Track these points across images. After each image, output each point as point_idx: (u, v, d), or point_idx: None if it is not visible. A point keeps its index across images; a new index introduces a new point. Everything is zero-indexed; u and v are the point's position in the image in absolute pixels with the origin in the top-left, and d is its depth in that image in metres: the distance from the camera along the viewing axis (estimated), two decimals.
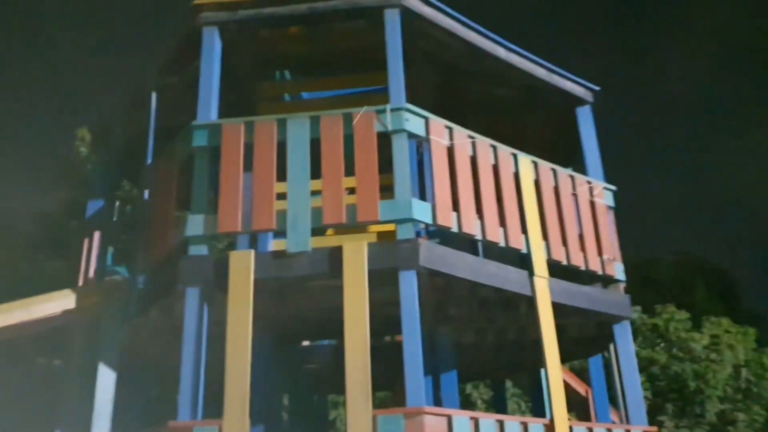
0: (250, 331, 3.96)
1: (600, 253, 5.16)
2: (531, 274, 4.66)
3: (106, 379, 4.56)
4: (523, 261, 4.84)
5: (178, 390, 4.15)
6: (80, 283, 5.28)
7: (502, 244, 4.62)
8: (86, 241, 5.59)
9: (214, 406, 4.28)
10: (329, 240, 4.86)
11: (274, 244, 5.64)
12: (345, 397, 3.83)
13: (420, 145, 6.07)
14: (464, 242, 5.12)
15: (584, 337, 5.67)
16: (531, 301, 4.68)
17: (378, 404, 3.87)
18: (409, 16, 4.93)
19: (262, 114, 5.79)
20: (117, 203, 5.77)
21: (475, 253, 5.68)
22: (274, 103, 6.28)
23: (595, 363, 6.13)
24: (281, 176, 4.45)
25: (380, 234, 5.44)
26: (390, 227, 4.47)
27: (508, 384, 11.71)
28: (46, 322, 4.50)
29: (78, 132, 11.21)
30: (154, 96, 5.47)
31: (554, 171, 5.20)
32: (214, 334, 4.22)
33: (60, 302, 4.52)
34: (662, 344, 13.88)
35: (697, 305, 18.96)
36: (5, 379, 4.70)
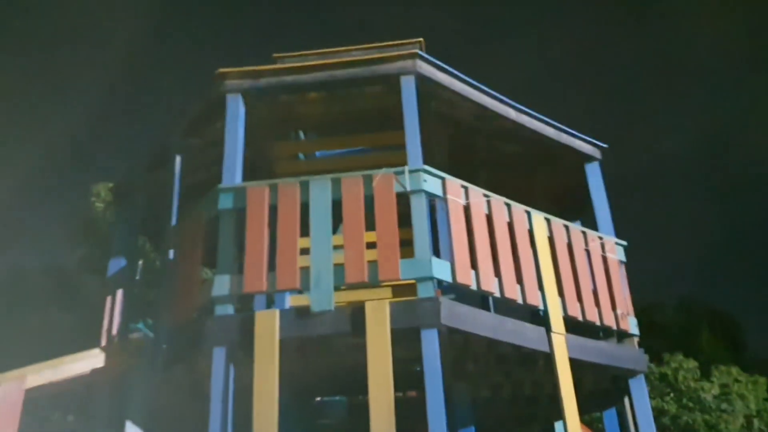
0: (277, 391, 4.04)
1: (614, 307, 5.28)
2: (548, 330, 4.76)
3: None
4: (536, 316, 4.96)
5: None
6: (103, 341, 5.36)
7: (520, 301, 4.74)
8: (109, 299, 5.69)
9: None
10: (350, 295, 4.96)
11: (291, 300, 5.75)
12: None
13: (432, 203, 6.24)
14: (474, 297, 5.23)
15: (599, 391, 5.73)
16: (548, 357, 4.77)
17: None
18: (423, 81, 5.15)
19: (279, 172, 5.99)
20: (140, 262, 5.90)
21: (486, 307, 5.81)
22: (290, 161, 6.48)
23: (609, 416, 6.17)
24: (304, 231, 4.60)
25: (395, 288, 5.55)
26: (406, 281, 4.60)
27: None
28: (75, 381, 4.59)
29: (94, 188, 11.42)
30: (178, 159, 5.65)
31: (567, 227, 5.34)
32: (239, 391, 4.31)
33: (89, 361, 4.62)
34: (671, 394, 13.82)
35: (703, 351, 18.89)
36: None
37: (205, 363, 4.58)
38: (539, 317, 4.96)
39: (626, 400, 5.97)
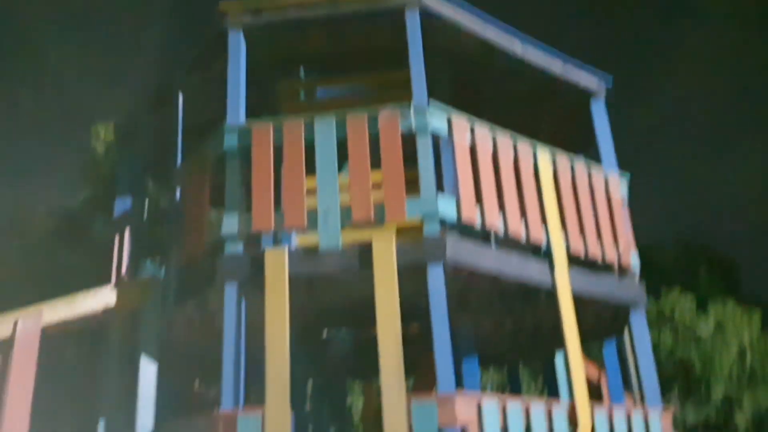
0: (288, 325, 4.14)
1: (616, 243, 5.35)
2: (552, 265, 4.84)
3: (147, 371, 4.75)
4: (537, 254, 5.04)
5: (215, 379, 4.33)
6: (113, 279, 5.45)
7: (524, 237, 4.81)
8: (117, 238, 5.75)
9: (253, 393, 4.48)
10: (356, 235, 5.02)
11: (298, 239, 5.82)
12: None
13: (437, 140, 6.24)
14: (475, 238, 5.29)
15: (600, 324, 5.86)
16: (551, 292, 4.87)
17: None
18: (428, 15, 5.09)
19: (283, 111, 5.97)
20: (146, 201, 5.94)
21: (487, 242, 5.88)
22: (293, 100, 6.44)
23: (609, 349, 6.32)
24: (311, 169, 4.62)
25: (400, 226, 5.61)
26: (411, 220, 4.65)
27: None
28: (87, 318, 4.69)
29: (94, 129, 11.36)
30: (180, 97, 5.63)
31: (572, 164, 5.37)
32: (250, 326, 4.43)
33: (102, 298, 4.71)
34: (668, 330, 14.09)
35: (701, 288, 19.17)
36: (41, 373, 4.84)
37: (216, 299, 4.69)
38: (541, 255, 5.05)
39: (626, 334, 6.15)
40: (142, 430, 4.64)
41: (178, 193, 5.33)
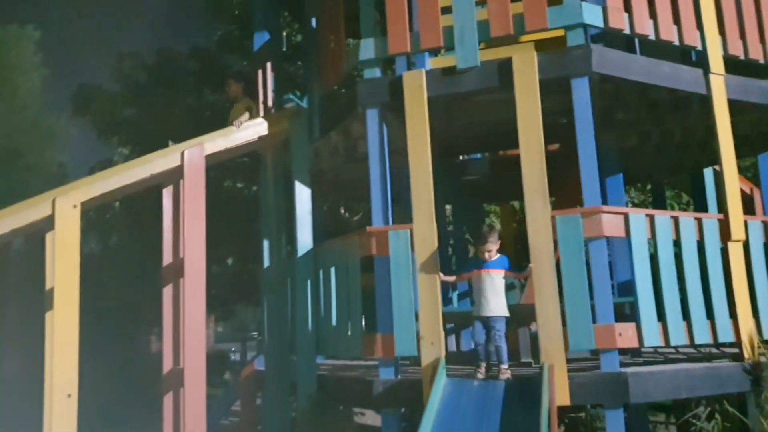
0: (429, 146, 4.21)
1: None
2: (706, 71, 4.52)
3: (302, 194, 5.08)
4: (687, 61, 4.70)
5: (358, 205, 4.53)
6: (261, 112, 5.69)
7: (676, 42, 4.48)
8: (260, 73, 5.91)
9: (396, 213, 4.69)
10: (493, 54, 4.88)
11: (432, 63, 5.74)
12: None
13: None
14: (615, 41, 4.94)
15: (756, 134, 5.51)
16: (704, 101, 4.58)
17: None
18: None
19: None
20: (284, 33, 5.99)
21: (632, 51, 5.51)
22: None
23: (765, 160, 5.96)
24: None
25: (540, 44, 5.37)
26: (544, 36, 4.43)
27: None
28: (243, 148, 5.01)
29: None
30: None
31: None
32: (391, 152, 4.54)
33: (255, 129, 4.98)
34: None
35: None
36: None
37: (358, 126, 4.83)
38: (691, 62, 4.71)
39: None
40: (302, 249, 5.04)
41: (314, 23, 5.35)
